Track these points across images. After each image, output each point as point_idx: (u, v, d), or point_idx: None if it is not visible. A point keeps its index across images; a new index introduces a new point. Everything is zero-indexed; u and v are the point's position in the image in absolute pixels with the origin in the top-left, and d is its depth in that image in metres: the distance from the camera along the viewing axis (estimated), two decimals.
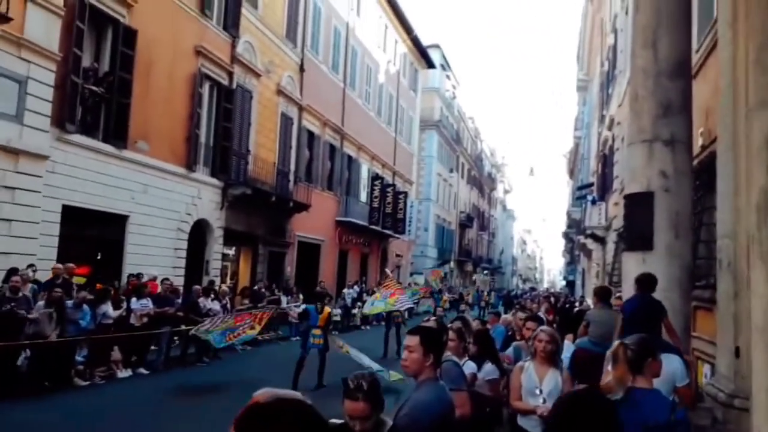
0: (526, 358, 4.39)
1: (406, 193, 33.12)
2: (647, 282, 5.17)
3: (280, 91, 20.28)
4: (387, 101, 31.33)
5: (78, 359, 9.66)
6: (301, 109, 21.69)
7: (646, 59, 5.42)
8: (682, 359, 4.42)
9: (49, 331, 8.52)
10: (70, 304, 9.30)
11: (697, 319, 6.65)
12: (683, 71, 5.44)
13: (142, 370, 10.82)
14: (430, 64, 38.37)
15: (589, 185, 26.95)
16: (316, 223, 22.72)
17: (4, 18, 9.92)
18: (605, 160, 21.27)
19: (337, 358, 12.14)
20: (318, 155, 23.35)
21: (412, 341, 3.04)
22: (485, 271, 64.65)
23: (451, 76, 49.12)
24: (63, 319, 8.80)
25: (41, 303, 8.60)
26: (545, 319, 13.63)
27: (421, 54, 36.33)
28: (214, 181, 16.77)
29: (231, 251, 18.73)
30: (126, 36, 13.36)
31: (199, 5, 15.85)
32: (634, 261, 5.69)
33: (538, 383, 4.05)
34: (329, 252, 24.63)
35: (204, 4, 16.03)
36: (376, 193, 28.39)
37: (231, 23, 17.20)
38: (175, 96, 15.10)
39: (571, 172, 46.27)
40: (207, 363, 12.35)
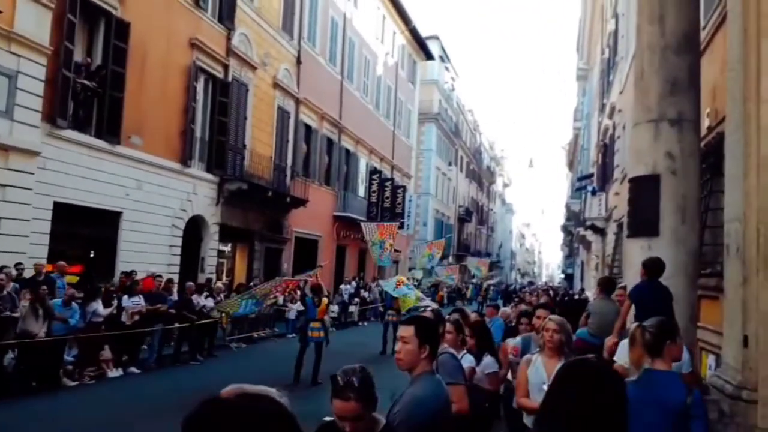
0: (534, 350, 4.14)
1: (404, 187, 32.90)
2: (655, 267, 4.91)
3: (277, 84, 20.04)
4: (385, 94, 31.08)
5: (67, 359, 9.46)
6: (298, 102, 21.45)
7: (652, 34, 5.20)
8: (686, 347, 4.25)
9: (36, 329, 8.31)
10: (59, 302, 9.09)
11: (701, 308, 6.44)
12: (691, 46, 5.21)
13: (134, 370, 10.60)
14: (429, 56, 38.11)
15: (589, 176, 26.69)
16: (314, 218, 22.51)
17: None
18: (605, 149, 21.02)
19: (337, 353, 12.00)
20: (315, 149, 23.13)
21: (407, 332, 2.83)
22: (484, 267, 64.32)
23: (450, 67, 48.84)
24: (50, 317, 8.57)
25: (26, 300, 8.37)
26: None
27: (420, 45, 36.05)
28: (209, 176, 16.55)
29: (227, 248, 18.52)
30: (118, 29, 13.13)
31: None
32: (638, 248, 5.47)
33: (545, 378, 3.70)
34: (327, 247, 24.43)
35: None
36: (375, 187, 28.20)
37: (226, 15, 16.95)
38: (169, 90, 14.86)
39: (571, 164, 46.01)
40: (201, 361, 12.16)
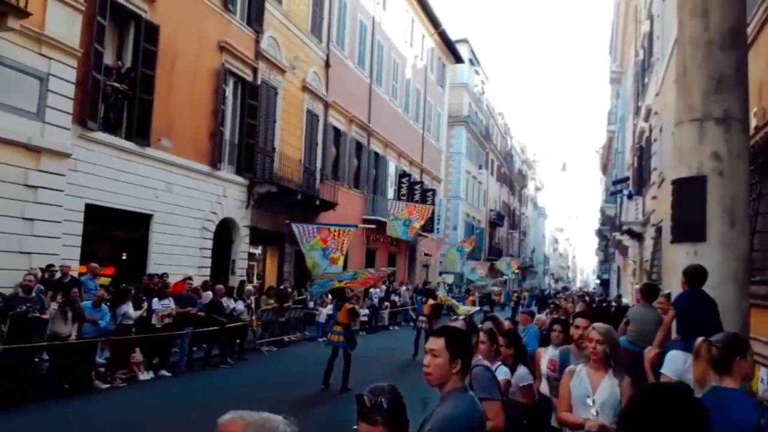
0: (578, 361, 3.83)
1: (434, 191, 32.63)
2: (697, 275, 4.54)
3: (306, 88, 20.00)
4: (414, 97, 30.88)
5: (99, 361, 9.46)
6: (326, 105, 21.39)
7: (694, 28, 4.88)
8: None
9: (65, 331, 8.31)
10: (89, 304, 9.10)
11: (752, 318, 6.05)
12: (737, 41, 4.88)
13: (165, 373, 10.58)
14: (458, 59, 37.79)
15: (625, 179, 26.05)
16: (343, 221, 22.28)
17: (24, 13, 9.76)
18: (641, 152, 20.46)
19: (367, 358, 11.82)
20: (344, 152, 23.04)
21: (437, 344, 2.59)
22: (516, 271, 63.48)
23: (480, 71, 48.37)
24: (79, 319, 8.56)
25: (56, 302, 8.38)
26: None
27: (449, 49, 35.77)
28: (239, 179, 16.56)
29: (257, 250, 18.51)
30: (148, 31, 13.21)
31: (223, 0, 15.65)
32: (683, 254, 5.14)
33: (590, 392, 3.45)
34: (356, 251, 24.28)
35: None
36: (404, 190, 27.98)
37: (255, 18, 16.97)
38: (198, 92, 14.92)
39: (605, 168, 45.10)
40: (232, 365, 12.10)
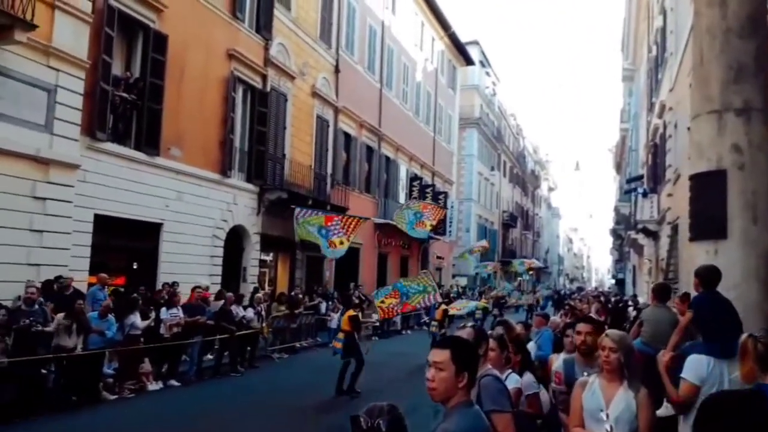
0: (584, 371, 3.61)
1: (446, 194, 32.42)
2: (710, 275, 4.33)
3: (316, 93, 19.94)
4: (425, 100, 30.73)
5: (107, 371, 9.39)
6: (336, 110, 21.31)
7: (711, 17, 4.69)
8: None
9: (71, 344, 8.24)
10: (95, 314, 9.03)
11: None
12: (756, 28, 4.67)
13: (174, 382, 10.48)
14: (469, 61, 37.60)
15: (639, 177, 25.71)
16: None
17: (30, 26, 9.74)
18: (656, 149, 20.13)
19: (378, 364, 11.65)
20: (355, 157, 22.94)
21: (441, 356, 2.41)
22: (530, 272, 62.98)
23: (491, 72, 48.14)
24: (84, 330, 8.49)
25: (60, 315, 8.30)
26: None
27: (459, 51, 35.60)
28: (249, 186, 16.50)
29: (268, 257, 18.43)
30: (156, 41, 13.20)
31: (231, 8, 15.62)
32: (702, 252, 4.93)
33: (603, 405, 3.21)
34: (368, 255, 24.16)
35: (235, 6, 15.78)
36: (415, 193, 27.79)
37: (264, 25, 16.93)
38: (207, 101, 14.88)
39: (618, 167, 44.64)
40: (242, 373, 12.00)
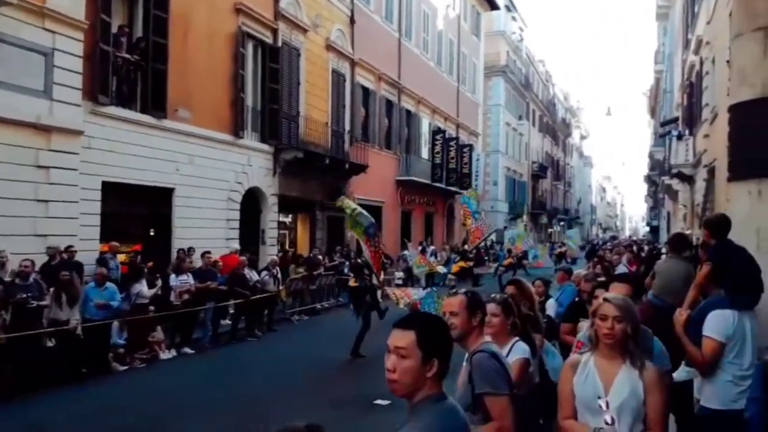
0: (584, 349, 2.90)
1: (471, 146, 31.51)
2: (721, 224, 4.11)
3: (330, 47, 19.16)
4: (447, 49, 29.54)
5: (119, 342, 9.25)
6: (353, 64, 20.52)
7: None
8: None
9: (63, 316, 8.05)
10: (92, 285, 8.83)
11: None
12: None
13: (188, 350, 10.37)
14: (494, 6, 35.98)
15: (674, 120, 24.55)
16: (376, 183, 21.77)
17: None
18: (691, 88, 18.97)
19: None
20: (374, 112, 22.22)
21: (405, 340, 1.90)
22: (561, 223, 62.11)
23: (517, 17, 46.13)
24: (75, 301, 8.25)
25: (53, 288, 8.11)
26: (628, 271, 12.10)
27: None
28: (264, 146, 16.05)
29: (287, 219, 18.15)
30: None
31: None
32: (745, 192, 4.23)
33: (601, 391, 2.59)
34: (391, 213, 23.71)
35: None
36: (438, 148, 27.02)
37: None
38: (215, 59, 14.31)
39: (653, 111, 42.89)
40: (259, 337, 11.86)
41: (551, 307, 6.68)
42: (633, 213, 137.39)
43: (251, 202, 15.84)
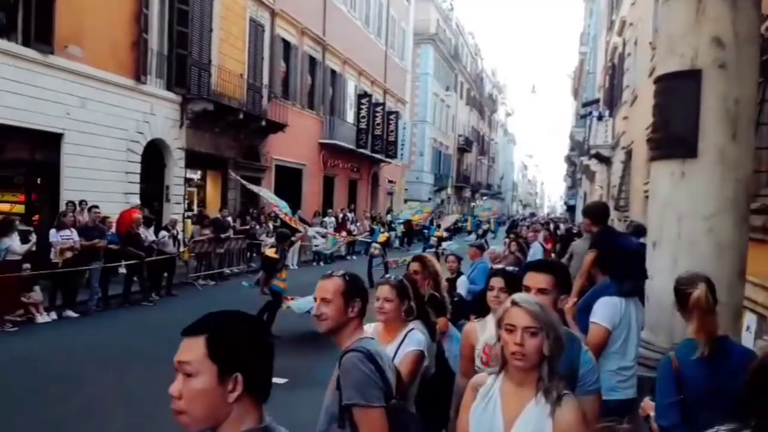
0: (489, 369, 2.14)
1: (398, 114, 30.94)
2: (600, 211, 4.57)
3: None
4: (376, 9, 28.60)
5: None
6: (273, 14, 19.28)
7: None
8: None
9: None
10: None
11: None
12: None
13: (71, 313, 9.29)
14: None
15: (595, 101, 25.01)
16: (296, 145, 20.80)
17: None
18: (614, 70, 19.21)
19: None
20: (295, 68, 21.09)
21: (191, 352, 1.33)
22: (484, 197, 63.09)
23: None
24: None
25: None
26: (543, 249, 11.96)
27: None
28: (169, 95, 14.74)
29: (196, 175, 16.96)
30: None
31: None
32: (667, 173, 3.88)
33: (501, 426, 1.93)
34: (312, 177, 22.83)
35: None
36: (364, 113, 26.24)
37: None
38: None
39: (576, 92, 43.81)
40: (155, 302, 10.87)
41: (462, 285, 6.21)
42: (552, 191, 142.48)
43: (155, 155, 14.60)
